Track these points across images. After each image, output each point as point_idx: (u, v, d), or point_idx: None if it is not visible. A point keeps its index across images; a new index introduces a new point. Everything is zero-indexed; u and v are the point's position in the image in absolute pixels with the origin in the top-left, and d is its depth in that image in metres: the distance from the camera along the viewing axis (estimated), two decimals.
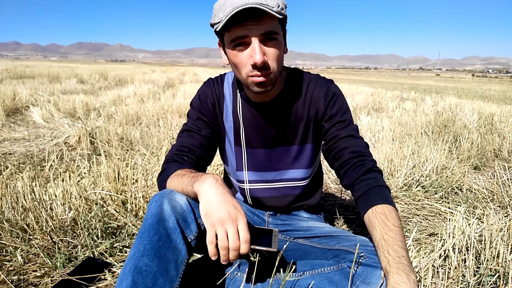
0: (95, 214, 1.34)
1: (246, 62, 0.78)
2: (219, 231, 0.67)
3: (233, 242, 0.67)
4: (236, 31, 0.75)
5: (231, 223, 0.67)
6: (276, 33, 0.78)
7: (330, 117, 0.92)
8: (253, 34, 0.75)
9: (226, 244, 0.67)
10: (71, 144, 2.73)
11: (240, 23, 0.74)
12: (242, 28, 0.74)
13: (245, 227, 0.68)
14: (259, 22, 0.74)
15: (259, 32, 0.75)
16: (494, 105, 5.74)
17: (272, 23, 0.76)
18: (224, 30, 0.77)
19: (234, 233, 0.67)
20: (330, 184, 2.12)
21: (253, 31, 0.75)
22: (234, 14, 0.72)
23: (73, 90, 6.45)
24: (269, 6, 0.72)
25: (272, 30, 0.76)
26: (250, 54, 0.77)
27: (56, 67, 17.74)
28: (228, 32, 0.77)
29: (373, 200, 0.76)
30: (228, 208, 0.68)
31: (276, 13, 0.74)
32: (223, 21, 0.73)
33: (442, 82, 26.12)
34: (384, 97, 7.21)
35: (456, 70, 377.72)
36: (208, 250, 0.69)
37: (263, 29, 0.75)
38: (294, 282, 0.80)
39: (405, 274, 0.62)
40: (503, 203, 1.72)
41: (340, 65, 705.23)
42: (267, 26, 0.75)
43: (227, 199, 0.69)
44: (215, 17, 0.78)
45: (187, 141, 0.93)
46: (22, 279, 1.05)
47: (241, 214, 0.69)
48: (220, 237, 0.67)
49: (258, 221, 1.09)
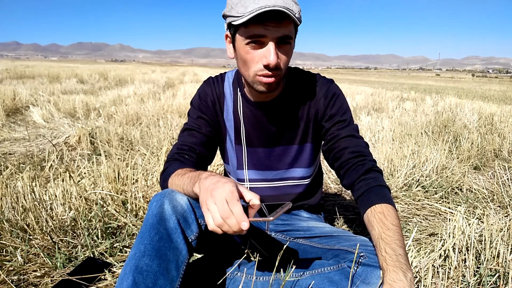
0: (95, 214, 1.34)
1: (258, 61, 0.79)
2: (209, 206, 0.61)
3: (223, 211, 0.60)
4: (255, 29, 0.75)
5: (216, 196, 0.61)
6: (291, 37, 0.79)
7: (330, 117, 0.92)
8: (271, 36, 0.75)
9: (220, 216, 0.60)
10: (71, 144, 2.73)
11: (261, 22, 0.74)
12: (261, 27, 0.74)
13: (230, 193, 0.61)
14: (279, 25, 0.75)
15: (277, 34, 0.75)
16: (494, 105, 5.73)
17: (290, 27, 0.77)
18: (242, 25, 0.76)
19: (223, 203, 0.60)
20: (330, 184, 2.12)
21: (272, 32, 0.75)
22: (260, 13, 0.72)
23: (73, 90, 6.45)
24: (292, 12, 0.73)
25: (288, 35, 0.77)
26: (264, 54, 0.77)
27: (56, 67, 17.74)
28: (246, 28, 0.76)
29: (372, 200, 0.77)
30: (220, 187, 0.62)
31: (297, 19, 0.75)
32: (246, 17, 0.73)
33: (442, 82, 26.13)
34: (384, 97, 7.21)
35: (456, 70, 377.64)
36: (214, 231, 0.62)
37: (281, 33, 0.76)
38: (294, 282, 0.80)
39: (401, 271, 0.63)
40: (503, 203, 1.72)
41: (340, 65, 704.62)
42: (285, 30, 0.76)
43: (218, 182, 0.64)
44: (232, 10, 0.77)
45: (187, 139, 0.94)
46: (22, 279, 1.05)
47: (226, 183, 0.63)
48: (212, 210, 0.61)
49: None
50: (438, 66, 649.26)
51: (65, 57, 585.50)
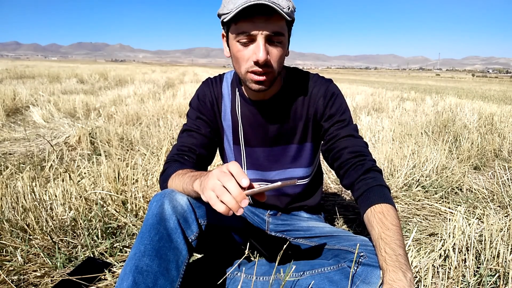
0: (95, 214, 1.34)
1: (249, 57, 0.79)
2: (214, 186, 0.60)
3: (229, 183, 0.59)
4: (244, 25, 0.75)
5: (221, 176, 0.61)
6: (282, 34, 0.78)
7: (329, 117, 0.92)
8: (260, 31, 0.75)
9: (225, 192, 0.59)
10: (71, 144, 2.73)
11: (249, 17, 0.74)
12: (250, 23, 0.75)
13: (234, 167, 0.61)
14: (267, 20, 0.75)
15: (266, 30, 0.75)
16: (494, 105, 5.73)
17: (280, 23, 0.77)
18: (232, 22, 0.77)
19: (229, 178, 0.60)
20: (330, 184, 2.12)
21: (261, 28, 0.75)
22: (245, 8, 0.72)
23: (73, 90, 6.45)
24: (280, 6, 0.73)
25: (279, 31, 0.77)
26: (254, 51, 0.77)
27: (56, 67, 17.74)
28: (236, 25, 0.77)
29: (372, 200, 0.77)
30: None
31: (286, 14, 0.74)
32: (233, 12, 0.73)
33: (442, 82, 26.12)
34: (384, 97, 7.21)
35: (456, 70, 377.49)
36: (218, 209, 0.60)
37: (270, 28, 0.76)
38: (294, 282, 0.80)
39: (401, 271, 0.63)
40: (503, 203, 1.72)
41: (340, 65, 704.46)
42: (275, 26, 0.76)
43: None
44: (224, 8, 0.78)
45: (187, 140, 0.94)
46: (22, 279, 1.05)
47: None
48: (216, 188, 0.60)
49: (258, 221, 1.09)
50: (438, 66, 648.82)
51: (65, 57, 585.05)
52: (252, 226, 1.06)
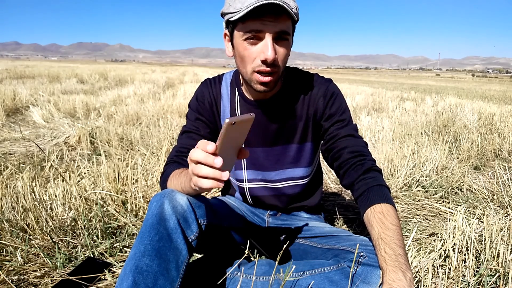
0: (95, 214, 1.34)
1: (255, 57, 0.79)
2: (191, 169, 0.61)
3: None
4: (252, 24, 0.75)
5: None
6: (289, 34, 0.79)
7: (329, 116, 0.92)
8: (268, 30, 0.76)
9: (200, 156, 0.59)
10: (71, 144, 2.73)
11: (258, 17, 0.74)
12: (259, 22, 0.75)
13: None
14: (276, 20, 0.75)
15: (274, 29, 0.76)
16: (494, 105, 5.73)
17: (287, 23, 0.78)
18: (239, 20, 0.77)
19: (195, 153, 0.59)
20: (330, 184, 2.12)
21: (269, 27, 0.75)
22: (256, 7, 0.72)
23: (73, 90, 6.45)
24: (290, 6, 0.74)
25: (286, 30, 0.78)
26: (262, 50, 0.77)
27: (56, 67, 17.73)
28: (243, 24, 0.77)
29: (372, 200, 0.77)
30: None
31: (294, 14, 0.75)
32: (243, 11, 0.73)
33: (442, 82, 26.12)
34: (384, 97, 7.21)
35: (456, 70, 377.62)
36: (203, 186, 0.60)
37: (278, 28, 0.76)
38: (294, 282, 0.80)
39: (401, 271, 0.63)
40: (503, 203, 1.72)
41: (340, 65, 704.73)
42: (283, 25, 0.77)
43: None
44: (230, 7, 0.77)
45: (186, 142, 0.94)
46: (22, 279, 1.05)
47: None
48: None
49: (258, 221, 1.09)
50: (438, 66, 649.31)
51: (65, 57, 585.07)
52: (252, 226, 1.06)
